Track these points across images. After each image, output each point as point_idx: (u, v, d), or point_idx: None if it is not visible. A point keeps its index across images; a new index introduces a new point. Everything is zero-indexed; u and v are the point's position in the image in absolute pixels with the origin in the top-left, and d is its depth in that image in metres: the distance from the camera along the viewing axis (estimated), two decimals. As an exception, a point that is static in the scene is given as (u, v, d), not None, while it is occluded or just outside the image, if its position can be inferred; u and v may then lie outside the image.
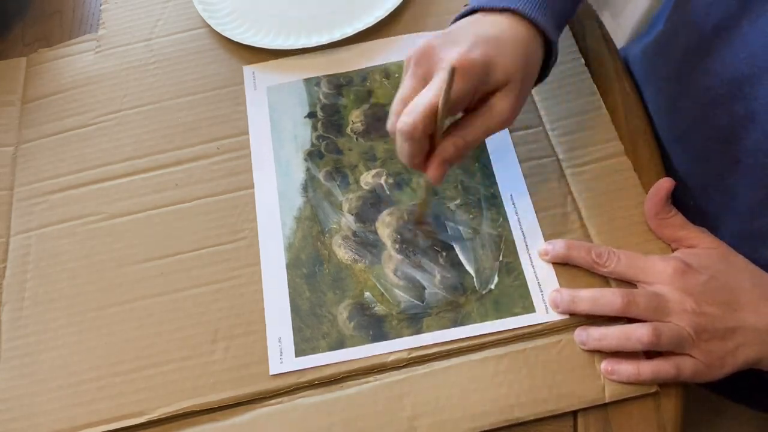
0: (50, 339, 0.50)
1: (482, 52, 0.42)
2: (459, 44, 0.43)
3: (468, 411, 0.45)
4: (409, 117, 0.41)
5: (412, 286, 0.50)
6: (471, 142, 0.44)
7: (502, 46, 0.43)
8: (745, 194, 0.48)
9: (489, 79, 0.43)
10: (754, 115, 0.45)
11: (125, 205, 0.56)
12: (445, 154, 0.44)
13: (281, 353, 0.48)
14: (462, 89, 0.41)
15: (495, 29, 0.44)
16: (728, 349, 0.44)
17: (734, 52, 0.46)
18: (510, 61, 0.43)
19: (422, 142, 0.43)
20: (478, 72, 0.42)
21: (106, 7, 0.68)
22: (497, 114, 0.43)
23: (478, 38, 0.43)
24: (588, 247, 0.49)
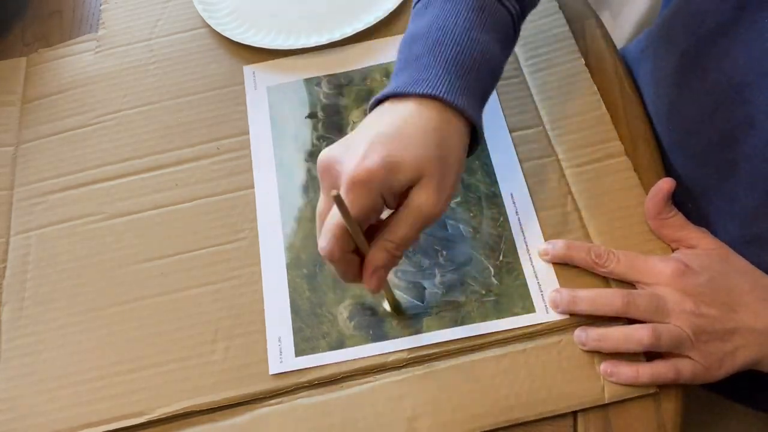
0: (50, 339, 0.50)
1: (381, 156, 0.39)
2: (356, 152, 0.39)
3: (468, 411, 0.45)
4: (323, 242, 0.40)
5: (413, 286, 0.50)
6: (400, 241, 0.41)
7: (405, 139, 0.40)
8: (744, 198, 0.48)
9: (396, 179, 0.39)
10: (753, 120, 0.45)
11: (125, 205, 0.56)
12: (376, 262, 0.41)
13: (281, 353, 0.48)
14: (365, 200, 0.38)
15: (398, 120, 0.41)
16: (727, 350, 0.44)
17: (732, 57, 0.46)
18: (416, 155, 0.39)
19: (347, 260, 0.41)
20: (380, 179, 0.38)
21: (106, 7, 0.68)
22: (417, 209, 0.40)
23: (375, 138, 0.40)
24: (588, 248, 0.49)
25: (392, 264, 0.42)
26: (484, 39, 0.44)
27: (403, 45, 0.45)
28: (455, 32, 0.43)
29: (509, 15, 0.46)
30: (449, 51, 0.42)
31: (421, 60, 0.43)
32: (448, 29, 0.43)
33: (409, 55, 0.44)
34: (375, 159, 0.39)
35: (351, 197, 0.38)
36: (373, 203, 0.39)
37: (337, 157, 0.40)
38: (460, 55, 0.42)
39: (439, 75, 0.42)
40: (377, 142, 0.40)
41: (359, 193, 0.38)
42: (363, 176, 0.38)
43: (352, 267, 0.42)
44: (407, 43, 0.45)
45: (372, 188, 0.38)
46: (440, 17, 0.44)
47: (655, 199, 0.49)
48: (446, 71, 0.42)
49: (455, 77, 0.42)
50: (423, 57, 0.43)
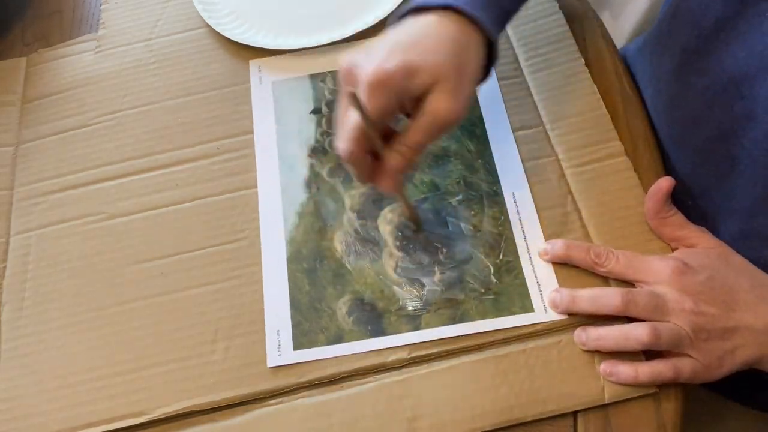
0: (50, 339, 0.50)
1: (399, 60, 0.41)
2: (376, 56, 0.42)
3: (468, 411, 0.45)
4: (342, 143, 0.42)
5: (412, 283, 0.50)
6: (414, 146, 0.43)
7: (423, 47, 0.42)
8: (744, 193, 0.48)
9: (413, 84, 0.41)
10: (753, 115, 0.45)
11: (125, 205, 0.56)
12: (390, 164, 0.44)
13: (279, 346, 0.48)
14: (383, 102, 0.41)
15: (418, 31, 0.43)
16: (727, 349, 0.44)
17: (732, 52, 0.46)
18: (434, 61, 0.42)
19: (364, 161, 0.43)
20: (397, 81, 0.41)
21: (106, 7, 0.68)
22: (435, 114, 0.42)
23: (395, 46, 0.42)
24: (587, 247, 0.49)
25: (406, 169, 0.44)
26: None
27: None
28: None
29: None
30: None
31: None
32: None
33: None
34: (393, 62, 0.41)
35: (369, 97, 0.41)
36: (390, 104, 0.41)
37: (358, 62, 0.42)
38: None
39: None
40: (396, 48, 0.42)
41: (377, 94, 0.40)
42: (381, 78, 0.40)
43: (367, 168, 0.44)
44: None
45: (389, 90, 0.41)
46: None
47: (655, 198, 0.49)
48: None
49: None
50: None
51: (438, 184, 0.54)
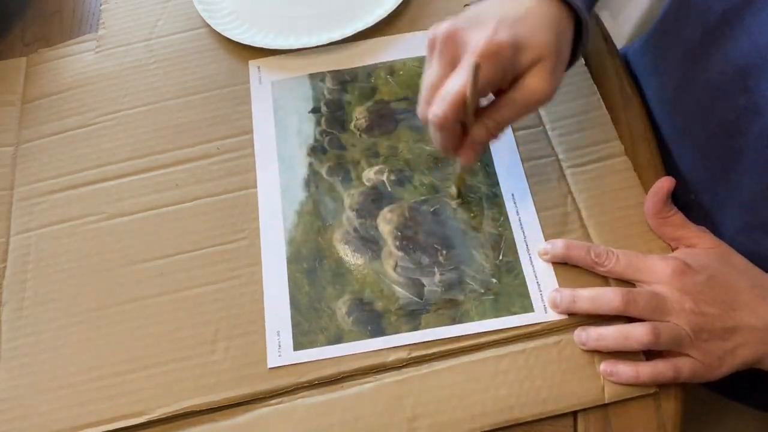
0: (50, 339, 0.50)
1: (510, 34, 0.41)
2: (485, 27, 0.42)
3: (468, 411, 0.45)
4: (438, 108, 0.42)
5: (412, 283, 0.50)
6: (504, 122, 0.44)
7: (530, 24, 0.43)
8: (748, 186, 0.48)
9: (518, 60, 0.42)
10: (757, 107, 0.45)
11: (125, 205, 0.56)
12: (477, 137, 0.44)
13: (279, 346, 0.48)
14: (490, 74, 0.41)
15: (522, 7, 0.44)
16: (727, 348, 0.44)
17: (737, 45, 0.46)
18: (540, 39, 0.42)
19: (453, 130, 0.43)
20: (507, 55, 0.41)
21: (106, 7, 0.68)
22: (532, 92, 0.43)
23: (504, 19, 0.42)
24: (587, 247, 0.49)
25: (489, 140, 0.45)
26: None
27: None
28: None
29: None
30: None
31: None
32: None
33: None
34: (505, 35, 0.41)
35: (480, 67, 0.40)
36: (497, 77, 0.41)
37: (463, 29, 0.42)
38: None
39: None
40: (505, 22, 0.42)
41: (488, 65, 0.40)
42: (494, 49, 0.40)
43: (454, 138, 0.44)
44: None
45: (498, 62, 0.41)
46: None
47: (655, 197, 0.49)
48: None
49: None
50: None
51: (437, 187, 0.54)
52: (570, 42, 0.46)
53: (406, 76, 0.60)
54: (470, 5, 0.48)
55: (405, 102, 0.59)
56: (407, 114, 0.58)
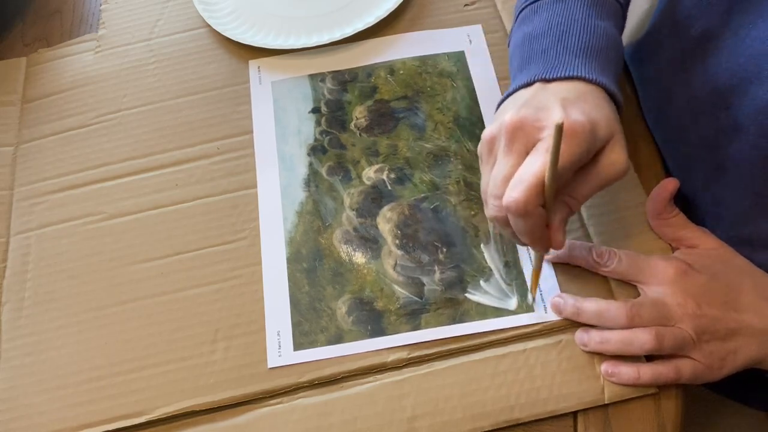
0: (50, 339, 0.50)
1: (582, 113, 0.40)
2: (553, 109, 0.41)
3: (468, 411, 0.45)
4: (517, 192, 0.39)
5: (412, 282, 0.50)
6: (582, 200, 0.43)
7: (592, 103, 0.42)
8: (731, 202, 0.48)
9: (597, 137, 0.41)
10: (738, 125, 0.46)
11: (125, 205, 0.56)
12: (562, 215, 0.42)
13: (279, 346, 0.48)
14: (574, 153, 0.39)
15: (575, 91, 0.43)
16: (729, 349, 0.44)
17: (718, 62, 0.46)
18: (606, 115, 0.42)
19: (536, 214, 0.40)
20: (588, 134, 0.40)
21: (106, 7, 0.68)
22: (613, 166, 0.41)
23: (565, 102, 0.41)
24: (589, 248, 0.48)
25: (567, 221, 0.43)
26: (605, 24, 0.46)
27: (518, 46, 0.47)
28: (578, 23, 0.45)
29: (618, 4, 0.49)
30: (576, 39, 0.44)
31: (549, 52, 0.44)
32: (569, 23, 0.45)
33: (531, 51, 0.45)
34: (579, 115, 0.40)
35: (566, 146, 0.38)
36: (581, 157, 0.40)
37: (531, 116, 0.41)
38: (588, 41, 0.45)
39: (572, 61, 0.44)
40: (569, 104, 0.41)
41: (571, 143, 0.39)
42: (576, 127, 0.39)
43: (541, 222, 0.41)
44: (523, 43, 0.46)
45: (581, 142, 0.39)
46: (557, 15, 0.46)
47: (658, 198, 0.49)
48: (577, 56, 0.44)
49: (589, 60, 0.44)
50: (550, 49, 0.45)
51: (438, 184, 0.54)
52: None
53: (406, 75, 0.60)
54: (468, 5, 0.48)
55: (405, 101, 0.59)
56: (407, 113, 0.58)
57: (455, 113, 0.58)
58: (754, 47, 0.43)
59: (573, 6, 0.46)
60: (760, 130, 0.44)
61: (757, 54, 0.43)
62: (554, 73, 0.44)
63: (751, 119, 0.44)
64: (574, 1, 0.46)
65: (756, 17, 0.43)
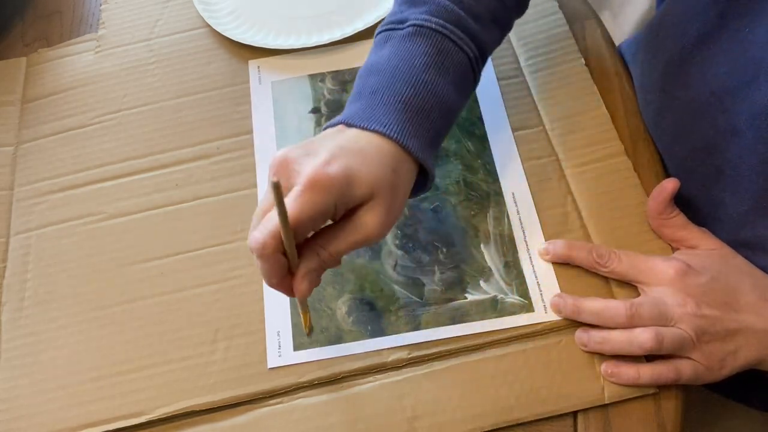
0: (50, 339, 0.50)
1: (343, 165, 0.39)
2: (318, 156, 0.39)
3: (468, 411, 0.45)
4: (258, 233, 0.38)
5: (412, 282, 0.50)
6: (334, 254, 0.40)
7: (366, 158, 0.40)
8: (730, 205, 0.48)
9: (351, 193, 0.39)
10: (736, 128, 0.46)
11: (125, 205, 0.56)
12: (310, 266, 0.40)
13: (279, 347, 0.48)
14: (319, 204, 0.38)
15: (360, 141, 0.41)
16: (729, 350, 0.44)
17: (715, 66, 0.46)
18: (375, 174, 0.40)
19: (275, 259, 0.39)
20: (338, 186, 0.38)
21: (106, 7, 0.68)
22: (363, 228, 0.40)
23: (340, 150, 0.40)
24: (589, 248, 0.49)
25: (321, 273, 0.41)
26: (440, 82, 0.44)
27: (361, 73, 0.46)
28: (411, 73, 0.44)
29: (467, 58, 0.46)
30: (403, 91, 0.43)
31: (376, 95, 0.43)
32: (404, 68, 0.44)
33: (365, 86, 0.44)
34: (336, 167, 0.39)
35: (307, 197, 0.38)
36: (326, 208, 0.38)
37: (296, 158, 0.40)
38: (413, 97, 0.43)
39: (390, 115, 0.42)
40: (339, 153, 0.40)
41: (316, 195, 0.38)
42: (323, 180, 0.38)
43: (278, 269, 0.39)
44: (365, 73, 0.45)
45: (329, 193, 0.38)
46: (398, 55, 0.45)
47: (659, 198, 0.49)
48: (398, 111, 0.42)
49: (407, 119, 0.42)
50: (378, 93, 0.43)
51: (438, 184, 0.54)
52: (411, 181, 0.43)
53: None
54: None
55: (405, 102, 0.59)
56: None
57: (455, 113, 0.58)
58: (751, 51, 0.43)
59: (417, 52, 0.45)
60: (758, 134, 0.44)
61: (755, 58, 0.43)
62: (360, 122, 0.42)
63: (749, 123, 0.44)
64: (420, 45, 0.45)
65: (753, 21, 0.43)
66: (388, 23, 0.48)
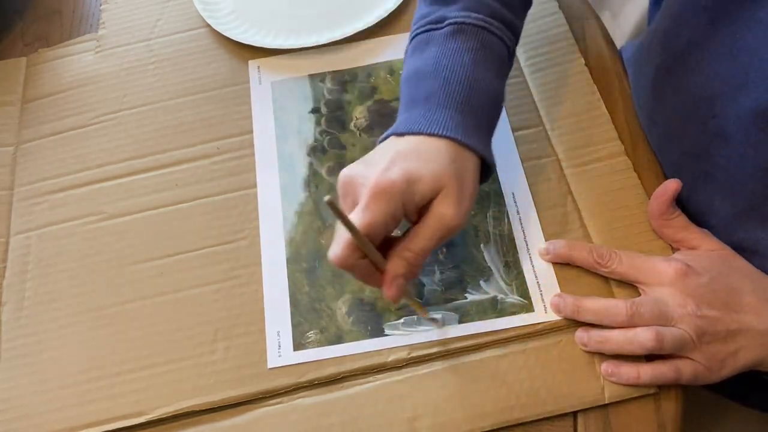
0: (50, 339, 0.50)
1: (401, 168, 0.41)
2: (377, 166, 0.42)
3: (468, 412, 0.45)
4: (335, 248, 0.41)
5: (412, 283, 0.50)
6: (420, 252, 0.42)
7: (423, 156, 0.42)
8: (720, 209, 0.49)
9: (416, 191, 0.41)
10: (725, 133, 0.46)
11: (125, 205, 0.56)
12: (395, 270, 0.42)
13: (279, 347, 0.48)
14: (386, 208, 0.40)
15: (418, 145, 0.43)
16: (729, 351, 0.44)
17: (705, 71, 0.47)
18: (434, 168, 0.42)
19: (359, 268, 0.42)
20: (400, 188, 0.40)
21: (106, 7, 0.68)
22: (440, 219, 0.42)
23: (397, 155, 0.42)
24: (589, 248, 0.49)
25: (411, 275, 0.43)
26: (489, 76, 0.46)
27: (408, 80, 0.47)
28: (463, 72, 0.45)
29: (505, 47, 0.49)
30: (458, 92, 0.45)
31: (432, 100, 0.45)
32: (455, 69, 0.45)
33: (417, 92, 0.46)
34: (396, 171, 0.41)
35: (373, 205, 0.40)
36: (393, 211, 0.40)
37: (358, 173, 0.42)
38: (467, 96, 0.45)
39: (451, 116, 0.44)
40: (398, 158, 0.42)
41: (381, 201, 0.40)
42: (385, 185, 0.40)
43: (369, 274, 0.42)
44: (413, 79, 0.47)
45: (393, 197, 0.40)
46: (445, 55, 0.46)
47: (661, 199, 0.49)
48: (458, 112, 0.44)
49: (466, 117, 0.44)
50: (433, 97, 0.45)
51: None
52: (474, 171, 0.44)
53: None
54: None
55: (405, 102, 0.59)
56: (407, 114, 0.58)
57: (455, 113, 0.58)
58: (740, 57, 0.44)
59: (463, 49, 0.46)
60: (746, 139, 0.44)
61: (744, 63, 0.43)
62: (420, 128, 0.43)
63: (738, 128, 0.45)
64: (466, 42, 0.46)
65: (742, 27, 0.43)
66: (425, 24, 0.48)
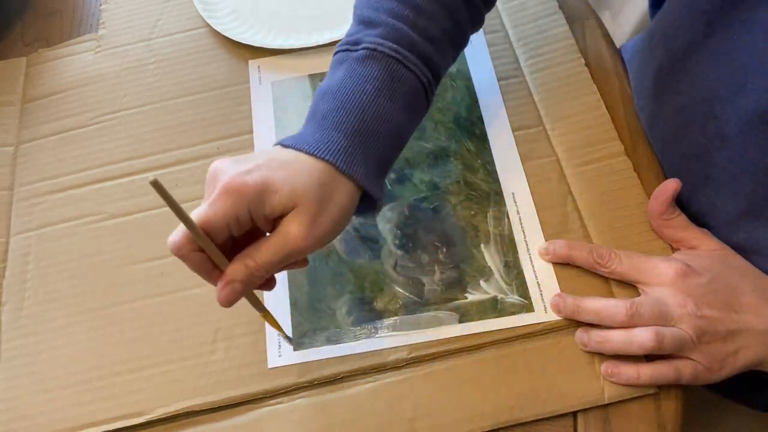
0: (50, 339, 0.50)
1: (262, 175, 0.39)
2: (242, 165, 0.40)
3: (468, 412, 0.45)
4: (173, 234, 0.40)
5: (412, 282, 0.50)
6: (262, 264, 0.40)
7: (292, 171, 0.40)
8: (721, 209, 0.49)
9: (267, 200, 0.39)
10: (725, 134, 0.46)
11: (125, 205, 0.56)
12: (234, 275, 0.40)
13: (279, 347, 0.48)
14: (231, 208, 0.38)
15: (291, 157, 0.41)
16: (729, 351, 0.44)
17: (704, 73, 0.47)
18: (297, 186, 0.40)
19: (193, 259, 0.40)
20: (249, 194, 0.38)
21: (106, 7, 0.68)
22: (285, 237, 0.40)
23: (267, 162, 0.40)
24: (589, 248, 0.49)
25: (251, 285, 0.41)
26: (390, 108, 0.44)
27: (316, 96, 0.45)
28: (362, 99, 0.43)
29: (419, 83, 0.45)
30: (353, 117, 0.43)
31: (327, 120, 0.43)
32: (355, 93, 0.43)
33: (316, 109, 0.44)
34: (255, 176, 0.39)
35: (219, 203, 0.38)
36: (237, 213, 0.39)
37: (223, 168, 0.40)
38: (362, 123, 0.43)
39: (338, 140, 0.42)
40: (265, 165, 0.40)
41: (227, 201, 0.38)
42: (235, 186, 0.38)
43: (199, 266, 0.40)
44: (319, 95, 0.45)
45: (240, 200, 0.38)
46: (351, 78, 0.44)
47: (661, 199, 0.49)
48: (346, 137, 0.42)
49: (355, 145, 0.42)
50: (328, 117, 0.43)
51: (437, 184, 0.54)
52: (347, 200, 0.42)
53: None
54: None
55: (405, 102, 0.59)
56: (407, 114, 0.58)
57: (455, 113, 0.58)
58: (739, 59, 0.44)
59: (368, 76, 0.44)
60: (746, 140, 0.44)
61: (743, 65, 0.43)
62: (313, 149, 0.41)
63: (738, 129, 0.45)
64: (373, 70, 0.44)
65: (740, 29, 0.43)
66: (345, 43, 0.47)
